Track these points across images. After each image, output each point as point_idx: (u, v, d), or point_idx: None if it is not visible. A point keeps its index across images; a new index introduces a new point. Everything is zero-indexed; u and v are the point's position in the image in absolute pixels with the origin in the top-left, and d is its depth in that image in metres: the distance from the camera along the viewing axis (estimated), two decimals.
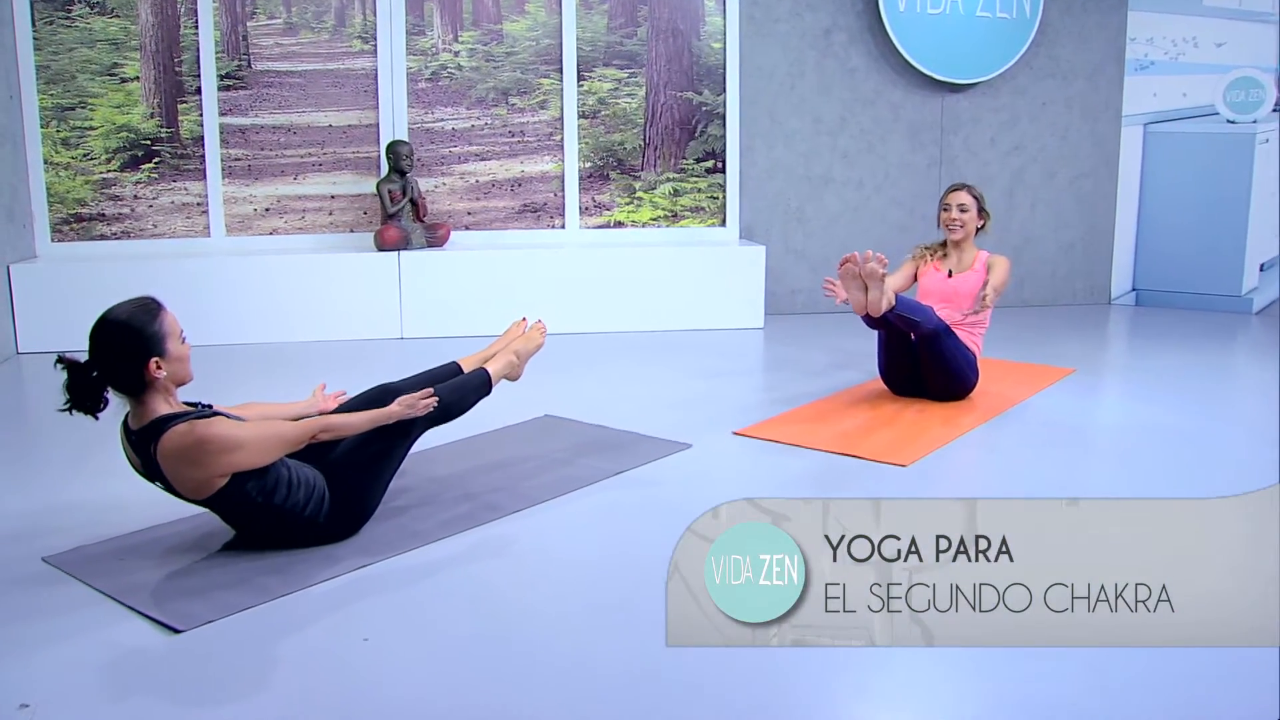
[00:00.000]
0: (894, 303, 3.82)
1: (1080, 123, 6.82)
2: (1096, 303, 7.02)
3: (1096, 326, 6.28)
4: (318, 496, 2.79)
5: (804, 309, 6.57)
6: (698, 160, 6.39)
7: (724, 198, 6.45)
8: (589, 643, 2.34)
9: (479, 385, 3.21)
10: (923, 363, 4.27)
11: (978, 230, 4.48)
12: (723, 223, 6.46)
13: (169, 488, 2.62)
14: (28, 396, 4.81)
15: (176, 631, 2.37)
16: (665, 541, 2.86)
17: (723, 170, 6.42)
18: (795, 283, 6.60)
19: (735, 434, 3.88)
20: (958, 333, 4.32)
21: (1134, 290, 7.00)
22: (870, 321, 4.06)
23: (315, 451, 2.86)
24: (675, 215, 6.43)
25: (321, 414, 3.04)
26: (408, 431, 2.96)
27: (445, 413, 3.08)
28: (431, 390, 2.93)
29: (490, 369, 3.25)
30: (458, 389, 3.15)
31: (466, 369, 3.34)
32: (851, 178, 6.60)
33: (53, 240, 5.79)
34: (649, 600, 2.49)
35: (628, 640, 2.33)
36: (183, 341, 2.64)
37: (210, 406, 2.69)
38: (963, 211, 4.44)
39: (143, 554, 2.78)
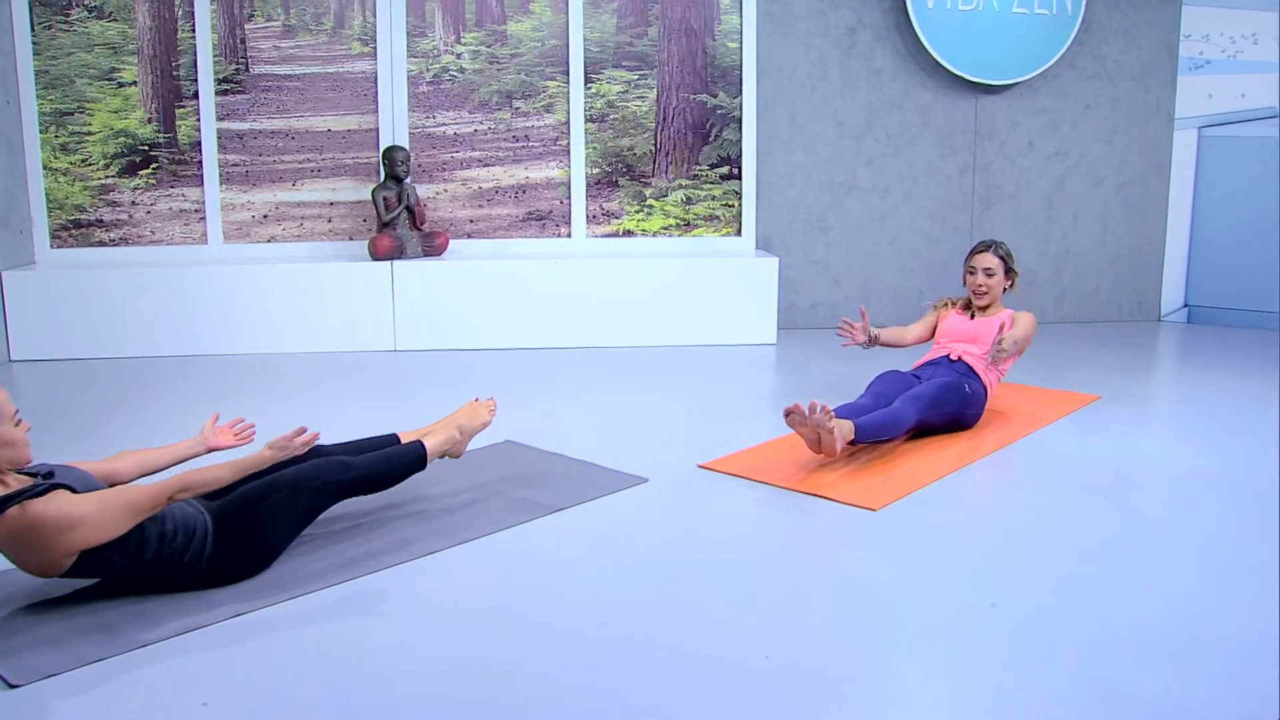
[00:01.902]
0: (850, 437, 3.47)
1: (1128, 126, 6.35)
2: (1145, 320, 6.53)
3: (1139, 346, 5.81)
4: (199, 541, 2.58)
5: (825, 323, 6.20)
6: (712, 166, 6.08)
7: (740, 205, 6.13)
8: (449, 717, 2.07)
9: (413, 459, 3.01)
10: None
11: (1005, 290, 4.18)
12: (738, 232, 6.15)
13: None
14: (28, 405, 4.70)
15: (12, 686, 2.17)
16: (565, 599, 2.63)
17: (738, 176, 6.10)
18: (816, 295, 6.25)
19: (700, 466, 3.58)
20: (974, 362, 4.00)
21: (1186, 307, 6.50)
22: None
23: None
24: (688, 224, 6.13)
25: (210, 449, 2.84)
26: (318, 493, 2.76)
27: (371, 483, 2.92)
28: (304, 428, 2.70)
29: (428, 443, 3.05)
30: (387, 460, 2.96)
31: (405, 441, 3.13)
32: (877, 184, 6.23)
33: (52, 246, 5.73)
34: (527, 668, 2.22)
35: (494, 717, 2.06)
36: (16, 424, 2.42)
37: (51, 475, 2.46)
38: (989, 276, 4.17)
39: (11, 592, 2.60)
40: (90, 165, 5.71)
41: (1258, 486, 3.37)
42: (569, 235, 6.04)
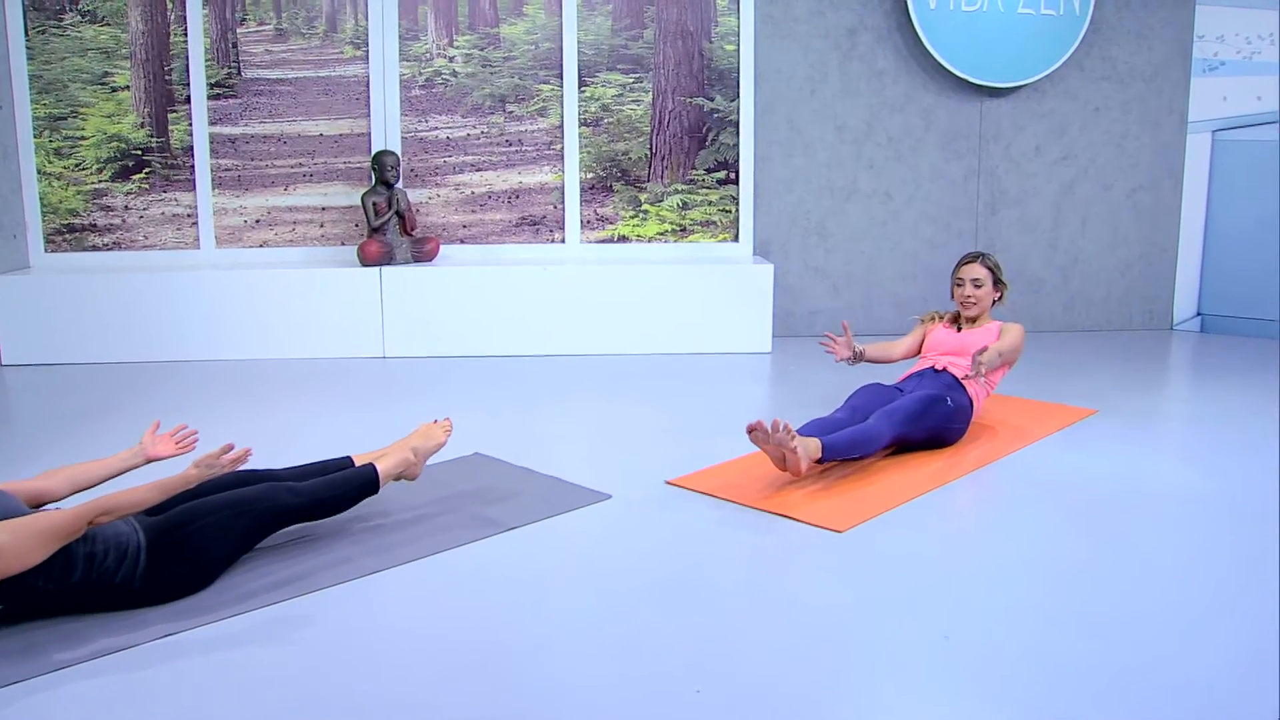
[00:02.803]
0: (816, 457, 3.36)
1: (1139, 129, 6.17)
2: (1157, 329, 6.35)
3: (1148, 357, 5.63)
4: (131, 559, 2.52)
5: (824, 331, 6.07)
6: (708, 171, 5.98)
7: (737, 211, 6.02)
8: None
9: (364, 484, 2.94)
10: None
11: (994, 302, 4.07)
12: (735, 238, 6.04)
13: None
14: (16, 409, 4.70)
15: None
16: (501, 624, 2.51)
17: (736, 181, 5.99)
18: (815, 303, 6.13)
19: (668, 483, 3.48)
20: (959, 375, 3.88)
21: (1199, 315, 6.31)
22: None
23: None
24: (684, 229, 6.03)
25: (150, 459, 2.78)
26: (261, 516, 2.70)
27: (319, 508, 2.86)
28: (231, 445, 2.64)
29: (380, 466, 2.98)
30: (337, 485, 2.90)
31: (359, 464, 3.06)
32: (878, 189, 6.10)
33: (46, 251, 5.73)
34: (451, 697, 2.14)
35: None
36: None
37: None
38: (977, 287, 4.06)
39: None
40: (84, 170, 5.71)
41: (1253, 511, 3.22)
42: (563, 241, 5.96)
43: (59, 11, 5.59)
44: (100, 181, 5.72)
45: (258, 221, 5.82)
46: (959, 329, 4.11)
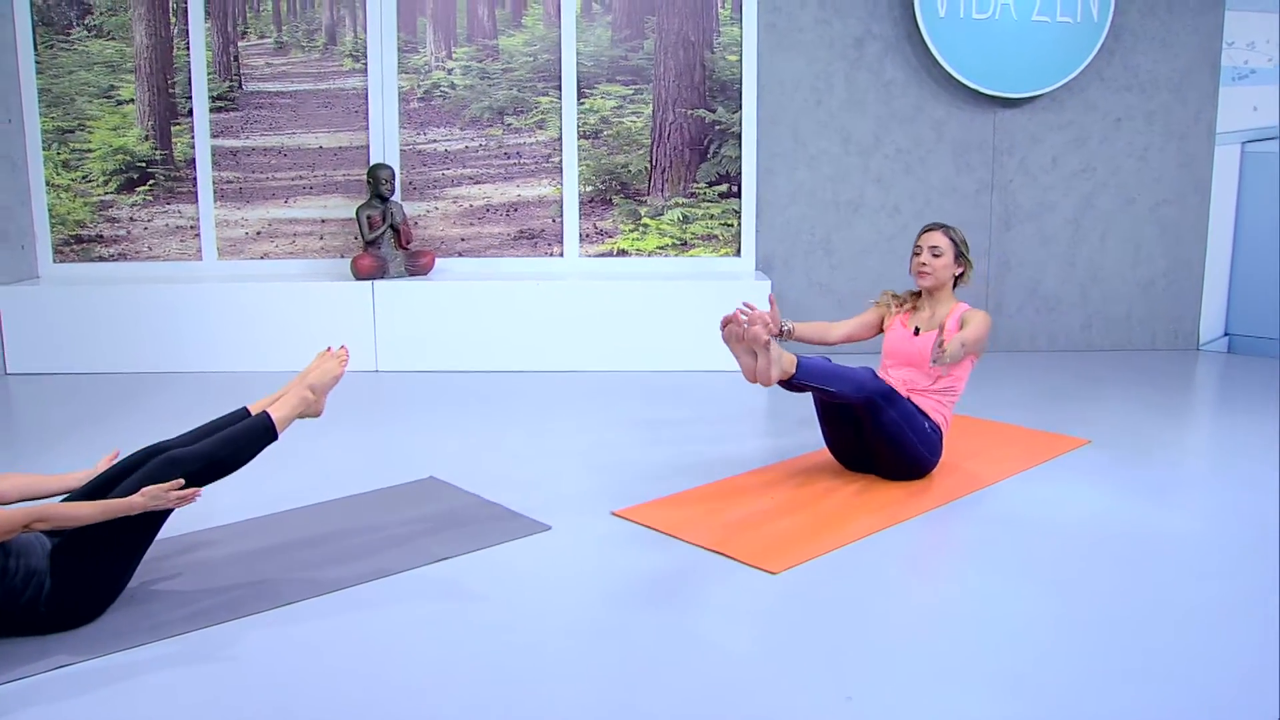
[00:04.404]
0: (790, 372, 3.22)
1: (1163, 141, 5.90)
2: (1182, 349, 6.07)
3: (1166, 379, 5.37)
4: (36, 582, 2.49)
5: (830, 349, 5.92)
6: (710, 184, 5.86)
7: (739, 225, 5.90)
8: None
9: (259, 434, 2.79)
10: (866, 432, 3.65)
11: (957, 281, 3.82)
12: (737, 252, 5.91)
13: None
14: (16, 417, 4.78)
15: None
16: (396, 665, 2.39)
17: (738, 195, 5.87)
18: (819, 319, 5.94)
19: (613, 514, 3.39)
20: (922, 401, 3.68)
21: (1226, 335, 6.02)
22: (785, 386, 3.47)
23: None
24: (685, 244, 5.92)
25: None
26: (153, 519, 2.64)
27: (215, 469, 2.70)
28: (183, 482, 2.58)
29: (275, 413, 2.83)
30: (230, 442, 2.75)
31: (255, 413, 2.96)
32: (886, 203, 5.92)
33: (54, 261, 5.82)
34: None
35: None
36: None
37: None
38: (935, 256, 3.76)
39: None
40: (90, 182, 5.79)
41: (1232, 559, 3.02)
42: (561, 255, 5.89)
43: (67, 26, 5.67)
44: (106, 193, 5.79)
45: (259, 233, 5.85)
46: (916, 331, 3.78)
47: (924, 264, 3.77)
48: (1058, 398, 4.93)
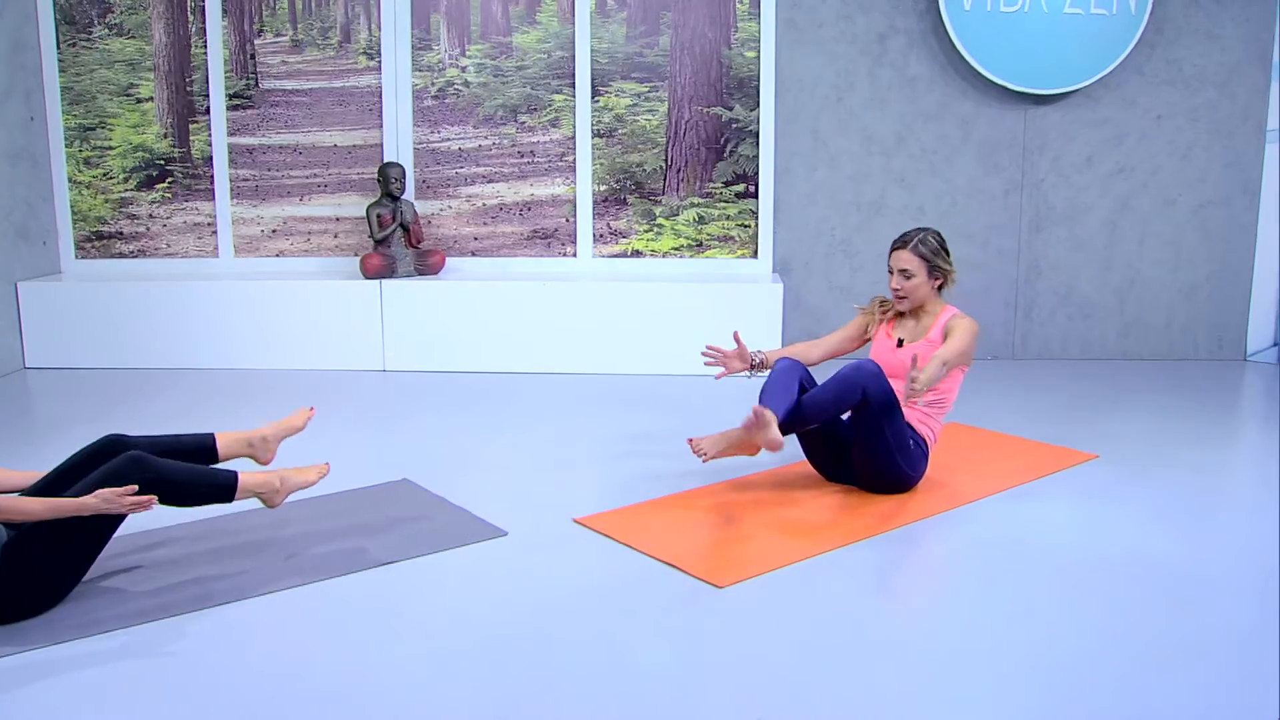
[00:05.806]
0: (778, 440, 3.13)
1: (1208, 139, 5.58)
2: (1227, 359, 5.74)
3: (1203, 392, 5.06)
4: None
5: (849, 354, 5.72)
6: (726, 183, 5.71)
7: (756, 226, 5.73)
8: None
9: (218, 490, 2.73)
10: (845, 445, 3.48)
11: (940, 288, 3.61)
12: (754, 254, 5.74)
13: None
14: (31, 410, 4.84)
15: None
16: (328, 670, 2.31)
17: (755, 195, 5.70)
18: (838, 323, 5.73)
19: (574, 521, 3.27)
20: (908, 414, 3.49)
21: (1276, 345, 5.68)
22: (788, 433, 3.35)
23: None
24: (700, 245, 5.77)
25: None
26: (108, 520, 2.60)
27: (171, 492, 2.66)
28: (137, 488, 2.54)
29: (244, 479, 2.76)
30: (194, 479, 2.70)
31: (221, 446, 2.93)
32: (910, 204, 5.70)
33: (76, 257, 5.90)
34: None
35: None
36: None
37: None
38: (906, 278, 3.53)
39: None
40: (111, 179, 5.85)
41: (1219, 591, 2.78)
42: (574, 255, 5.79)
43: (88, 25, 5.74)
44: (126, 190, 5.85)
45: (274, 231, 5.86)
46: (900, 343, 3.59)
47: (897, 288, 3.58)
48: (1077, 408, 4.68)
